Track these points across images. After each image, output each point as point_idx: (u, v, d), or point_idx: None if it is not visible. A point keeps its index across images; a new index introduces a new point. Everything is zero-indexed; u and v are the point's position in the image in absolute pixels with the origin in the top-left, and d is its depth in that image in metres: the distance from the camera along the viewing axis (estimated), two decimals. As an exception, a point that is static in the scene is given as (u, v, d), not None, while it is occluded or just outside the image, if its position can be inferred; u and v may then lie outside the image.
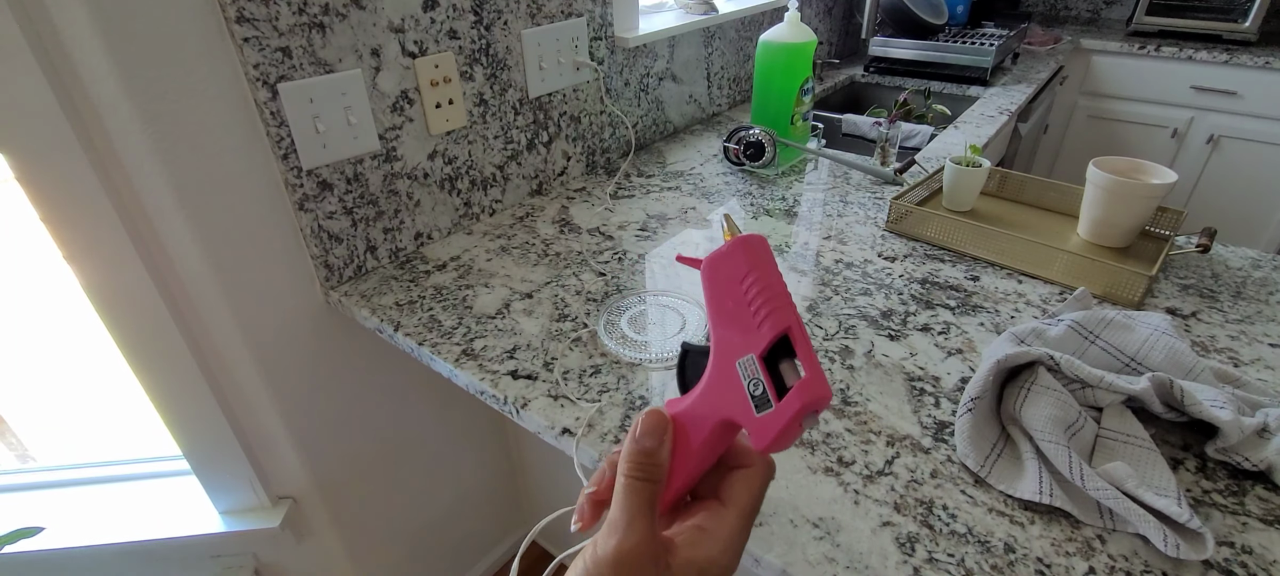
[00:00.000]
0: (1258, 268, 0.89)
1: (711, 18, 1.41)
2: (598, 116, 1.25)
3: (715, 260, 0.32)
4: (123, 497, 1.09)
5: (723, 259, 0.32)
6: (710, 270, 0.32)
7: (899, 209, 1.01)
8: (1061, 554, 0.51)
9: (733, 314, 0.31)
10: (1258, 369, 0.70)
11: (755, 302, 0.30)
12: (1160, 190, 0.87)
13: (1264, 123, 2.06)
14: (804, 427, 0.29)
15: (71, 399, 1.08)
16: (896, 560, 0.51)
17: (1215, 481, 0.57)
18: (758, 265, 0.31)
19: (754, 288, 0.30)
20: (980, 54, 1.81)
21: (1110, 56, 2.23)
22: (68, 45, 0.65)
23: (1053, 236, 0.95)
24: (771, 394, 0.29)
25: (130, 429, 1.08)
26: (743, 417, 0.29)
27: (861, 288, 0.86)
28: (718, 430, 0.30)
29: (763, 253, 0.32)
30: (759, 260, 0.31)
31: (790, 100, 1.26)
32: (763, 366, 0.29)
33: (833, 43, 2.14)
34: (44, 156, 0.69)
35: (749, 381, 0.29)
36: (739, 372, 0.30)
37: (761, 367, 0.29)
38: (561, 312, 0.82)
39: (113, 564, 1.07)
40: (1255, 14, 2.05)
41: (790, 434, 0.29)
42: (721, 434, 0.31)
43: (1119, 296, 0.82)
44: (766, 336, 0.29)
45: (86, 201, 0.72)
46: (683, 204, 1.13)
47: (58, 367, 1.03)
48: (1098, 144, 2.35)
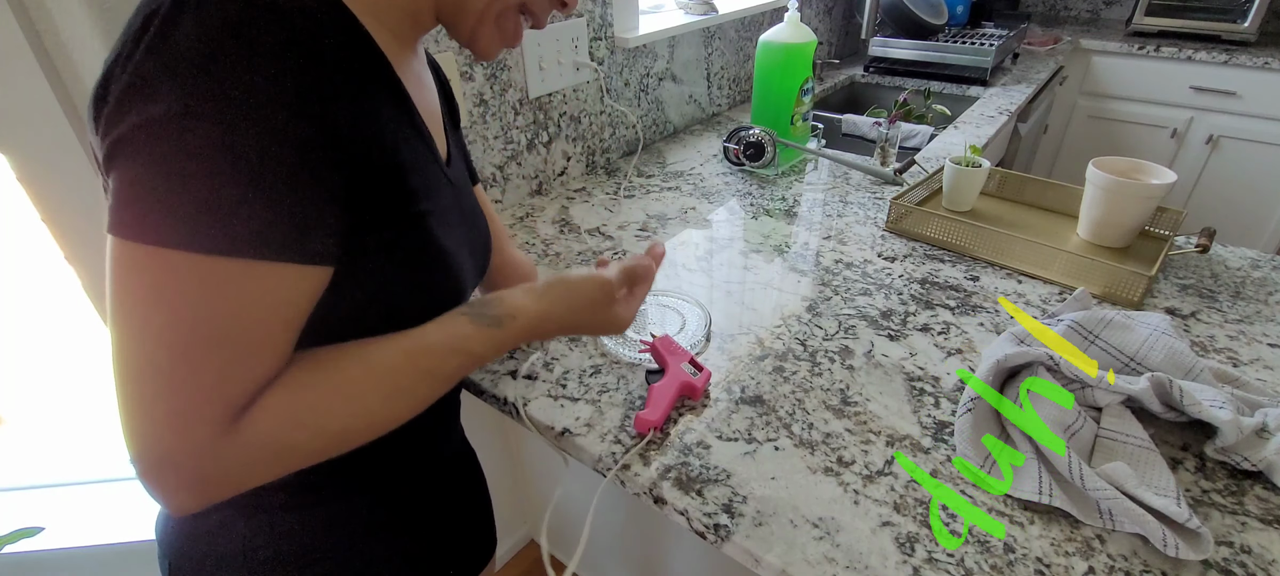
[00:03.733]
0: (1257, 268, 0.89)
1: (711, 18, 1.41)
2: (598, 116, 1.25)
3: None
4: (123, 497, 1.09)
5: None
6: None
7: (899, 209, 1.01)
8: (1061, 554, 0.51)
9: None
10: (1257, 369, 0.70)
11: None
12: (1160, 190, 0.87)
13: (1263, 123, 2.06)
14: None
15: (72, 399, 1.08)
16: (896, 560, 0.51)
17: (1214, 481, 0.57)
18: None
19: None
20: (980, 54, 1.81)
21: (1110, 56, 2.23)
22: (68, 45, 0.65)
23: (1052, 236, 0.95)
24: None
25: (130, 429, 1.08)
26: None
27: (861, 288, 0.86)
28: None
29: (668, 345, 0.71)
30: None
31: (790, 100, 1.26)
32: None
33: (833, 43, 2.14)
34: (44, 156, 0.69)
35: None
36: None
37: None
38: (561, 313, 0.82)
39: (113, 564, 1.07)
40: (1254, 14, 2.05)
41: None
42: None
43: (1119, 296, 0.82)
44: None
45: (86, 201, 0.72)
46: (683, 204, 1.13)
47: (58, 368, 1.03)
48: (1097, 144, 2.35)
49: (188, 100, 0.32)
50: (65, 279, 0.77)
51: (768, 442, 0.62)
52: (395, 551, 0.56)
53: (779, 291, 0.87)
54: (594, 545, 1.37)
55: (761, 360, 0.73)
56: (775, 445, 0.62)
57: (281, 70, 0.34)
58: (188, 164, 0.32)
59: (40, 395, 1.08)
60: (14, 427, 1.09)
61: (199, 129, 0.32)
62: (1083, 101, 2.33)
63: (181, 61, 0.32)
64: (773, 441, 0.62)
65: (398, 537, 0.56)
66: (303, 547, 0.51)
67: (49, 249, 0.75)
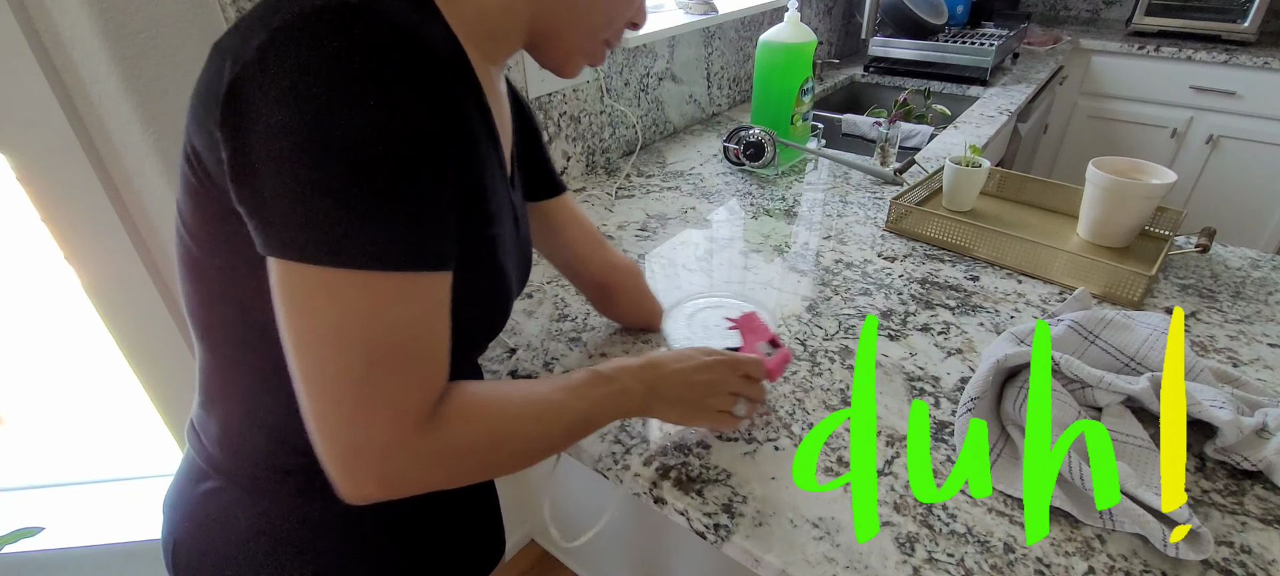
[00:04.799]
0: (1257, 268, 0.89)
1: (711, 18, 1.41)
2: (597, 116, 1.25)
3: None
4: (123, 497, 1.09)
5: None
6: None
7: (899, 209, 1.01)
8: (1061, 554, 0.51)
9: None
10: (1257, 369, 0.70)
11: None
12: (1160, 190, 0.87)
13: (1263, 123, 2.06)
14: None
15: (72, 399, 1.08)
16: (896, 560, 0.51)
17: (1214, 481, 0.57)
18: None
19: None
20: (980, 54, 1.81)
21: (1110, 56, 2.23)
22: (68, 45, 0.65)
23: (1053, 236, 0.95)
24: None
25: (131, 429, 1.08)
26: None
27: (861, 288, 0.86)
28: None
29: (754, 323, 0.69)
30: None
31: (790, 100, 1.26)
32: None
33: (833, 43, 2.14)
34: (44, 156, 0.69)
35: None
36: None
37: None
38: (561, 313, 0.82)
39: (113, 564, 1.07)
40: (1254, 14, 2.05)
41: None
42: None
43: (1119, 296, 0.82)
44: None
45: (86, 201, 0.72)
46: (683, 204, 1.13)
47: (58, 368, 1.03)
48: (1097, 144, 2.35)
49: (346, 117, 0.33)
50: (65, 279, 0.77)
51: (768, 442, 0.62)
52: (399, 552, 0.56)
53: (779, 291, 0.87)
54: (595, 545, 1.37)
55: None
56: (775, 445, 0.62)
57: (422, 90, 0.35)
58: (357, 184, 0.34)
59: (40, 395, 1.08)
60: (14, 427, 1.09)
61: (361, 147, 0.33)
62: (1083, 101, 2.33)
63: (328, 76, 0.33)
64: (773, 441, 0.62)
65: (402, 538, 0.56)
66: (302, 539, 0.51)
67: (49, 249, 0.75)
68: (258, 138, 0.34)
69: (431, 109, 0.36)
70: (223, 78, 0.35)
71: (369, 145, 0.34)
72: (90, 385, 1.02)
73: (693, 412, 0.56)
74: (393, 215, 0.35)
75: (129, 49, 0.65)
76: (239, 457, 0.49)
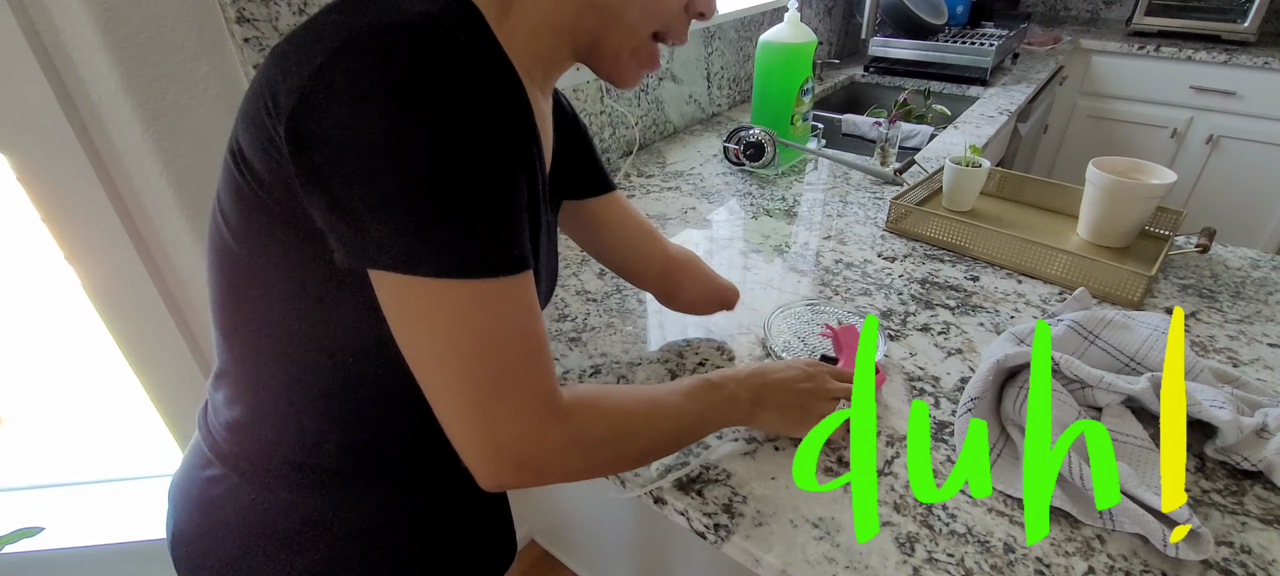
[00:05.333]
0: (1257, 268, 0.89)
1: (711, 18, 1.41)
2: (597, 116, 1.25)
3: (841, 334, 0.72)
4: (123, 497, 1.09)
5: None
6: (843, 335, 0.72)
7: (899, 209, 1.01)
8: (1061, 554, 0.51)
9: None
10: (1257, 369, 0.70)
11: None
12: (1159, 190, 0.87)
13: (1263, 123, 2.06)
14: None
15: (72, 399, 1.08)
16: (896, 560, 0.51)
17: (1214, 481, 0.57)
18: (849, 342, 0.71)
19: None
20: (980, 54, 1.81)
21: (1110, 56, 2.23)
22: (68, 45, 0.65)
23: (1053, 236, 0.95)
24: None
25: (131, 429, 1.08)
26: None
27: (861, 287, 0.86)
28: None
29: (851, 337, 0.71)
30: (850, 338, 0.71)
31: (790, 100, 1.26)
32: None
33: (833, 43, 2.14)
34: (44, 156, 0.69)
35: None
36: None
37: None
38: (561, 313, 0.82)
39: (113, 564, 1.07)
40: (1254, 14, 2.05)
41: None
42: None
43: (1119, 296, 0.82)
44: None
45: (86, 201, 0.72)
46: (683, 204, 1.13)
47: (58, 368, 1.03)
48: (1097, 144, 2.35)
49: (436, 128, 0.34)
50: (65, 279, 0.77)
51: (768, 442, 0.62)
52: (402, 552, 0.56)
53: (779, 291, 0.87)
54: (595, 545, 1.37)
55: (762, 360, 0.73)
56: (775, 445, 0.62)
57: (497, 99, 0.37)
58: (454, 195, 0.35)
59: (40, 395, 1.08)
60: (14, 427, 1.09)
61: (452, 156, 0.35)
62: (1083, 101, 2.33)
63: (410, 90, 0.34)
64: (773, 441, 0.62)
65: (405, 538, 0.56)
66: (301, 531, 0.50)
67: (49, 249, 0.75)
68: (342, 151, 0.34)
69: (507, 117, 0.37)
70: (284, 87, 0.36)
71: (459, 153, 0.35)
72: (91, 385, 1.02)
73: (798, 420, 0.58)
74: (485, 223, 0.37)
75: (129, 49, 0.65)
76: (245, 447, 0.49)
